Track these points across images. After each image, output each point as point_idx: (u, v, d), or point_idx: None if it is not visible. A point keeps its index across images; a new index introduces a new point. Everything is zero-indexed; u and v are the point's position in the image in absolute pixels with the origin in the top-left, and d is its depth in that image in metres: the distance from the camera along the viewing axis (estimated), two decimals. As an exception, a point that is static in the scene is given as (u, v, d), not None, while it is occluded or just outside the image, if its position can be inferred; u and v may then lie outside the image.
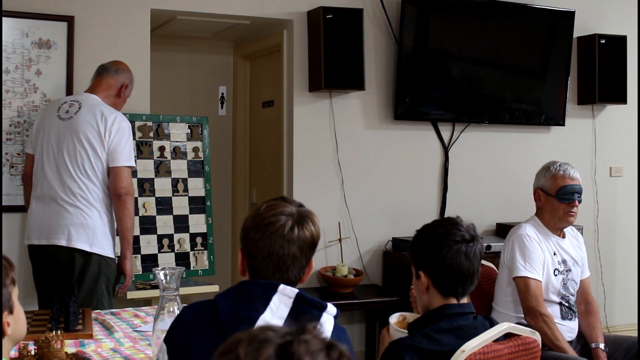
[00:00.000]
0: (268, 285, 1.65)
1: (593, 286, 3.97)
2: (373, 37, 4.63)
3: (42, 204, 3.38)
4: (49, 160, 3.39)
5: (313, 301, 1.66)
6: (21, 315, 1.65)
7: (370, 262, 4.69)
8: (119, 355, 2.31)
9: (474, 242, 2.11)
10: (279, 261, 1.67)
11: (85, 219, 3.31)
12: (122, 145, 3.33)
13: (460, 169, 4.91)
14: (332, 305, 1.68)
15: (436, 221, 2.21)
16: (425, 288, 2.12)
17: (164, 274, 2.19)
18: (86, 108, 3.37)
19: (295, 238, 1.67)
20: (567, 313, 3.24)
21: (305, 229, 1.69)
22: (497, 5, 4.88)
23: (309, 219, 1.71)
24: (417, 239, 2.19)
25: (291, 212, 1.70)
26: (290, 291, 1.64)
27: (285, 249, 1.67)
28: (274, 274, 1.68)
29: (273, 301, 1.62)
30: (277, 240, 1.67)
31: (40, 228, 3.36)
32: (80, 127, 3.32)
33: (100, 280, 3.33)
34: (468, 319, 2.11)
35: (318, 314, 1.64)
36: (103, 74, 3.53)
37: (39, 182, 3.41)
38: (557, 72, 5.09)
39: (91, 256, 3.31)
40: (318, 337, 0.92)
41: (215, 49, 5.46)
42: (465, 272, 2.09)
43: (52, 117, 3.42)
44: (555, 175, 3.23)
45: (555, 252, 3.24)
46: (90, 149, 3.30)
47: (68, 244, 3.28)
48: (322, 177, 4.56)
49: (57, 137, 3.37)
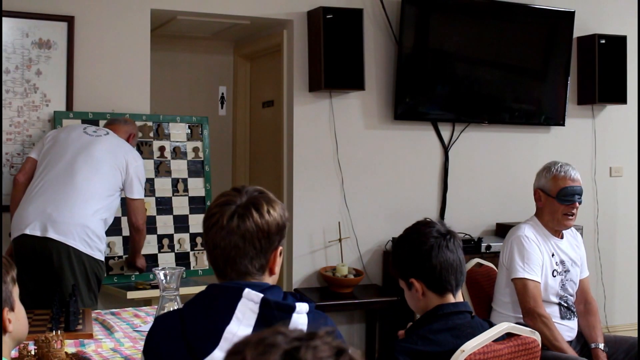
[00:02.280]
0: (233, 290, 1.59)
1: (593, 286, 3.97)
2: (373, 37, 4.63)
3: (43, 197, 3.36)
4: (62, 161, 3.42)
5: (279, 304, 1.59)
6: (22, 314, 1.65)
7: (370, 262, 4.69)
8: (119, 355, 2.31)
9: (450, 234, 2.13)
10: (223, 253, 1.63)
11: (85, 220, 3.31)
12: (140, 180, 3.58)
13: (460, 169, 4.91)
14: (302, 304, 1.61)
15: (407, 228, 2.21)
16: (421, 294, 2.12)
17: (164, 274, 2.19)
18: (113, 136, 3.64)
19: (234, 228, 1.61)
20: (565, 313, 3.24)
21: (247, 219, 1.61)
22: (497, 5, 4.88)
23: (256, 208, 1.63)
24: (397, 250, 2.20)
25: (239, 202, 1.63)
26: (255, 296, 1.57)
27: (226, 240, 1.62)
28: (225, 267, 1.64)
29: (238, 309, 1.57)
30: (217, 232, 1.62)
31: (37, 220, 3.30)
32: (109, 146, 3.53)
33: (92, 280, 3.35)
34: (464, 317, 2.10)
35: (287, 316, 1.58)
36: (114, 123, 3.79)
37: (40, 181, 3.41)
38: (557, 72, 5.09)
39: (86, 257, 3.32)
40: (329, 343, 0.91)
41: (215, 49, 5.46)
42: (454, 264, 2.10)
43: (78, 134, 3.57)
44: (556, 176, 3.22)
45: (554, 253, 3.24)
46: (111, 166, 3.48)
47: (65, 241, 3.27)
48: (322, 177, 4.56)
49: (81, 144, 3.49)
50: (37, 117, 3.93)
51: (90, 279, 3.34)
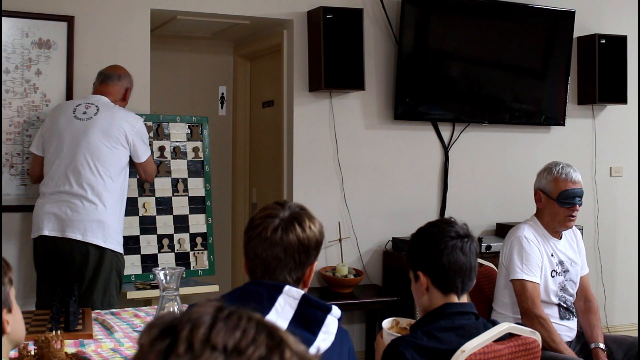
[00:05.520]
0: (273, 286, 1.66)
1: (593, 286, 3.96)
2: (373, 37, 4.63)
3: (56, 197, 3.41)
4: (64, 157, 3.46)
5: (318, 303, 1.67)
6: (19, 316, 1.64)
7: (370, 262, 4.69)
8: (119, 355, 2.31)
9: (469, 238, 2.14)
10: (263, 263, 1.70)
11: (100, 215, 3.38)
12: (143, 141, 3.58)
13: (460, 169, 4.91)
14: (337, 308, 1.69)
15: (430, 222, 2.24)
16: (425, 288, 2.13)
17: (164, 274, 2.19)
18: (105, 110, 3.54)
19: (278, 240, 1.69)
20: (565, 314, 3.23)
21: (290, 232, 1.70)
22: (497, 5, 4.88)
23: (299, 223, 1.72)
24: (413, 241, 2.22)
25: (282, 216, 1.71)
26: (296, 292, 1.65)
27: (268, 252, 1.69)
28: (263, 275, 1.71)
29: (278, 302, 1.63)
30: (260, 243, 1.70)
31: (55, 220, 3.40)
32: (102, 126, 3.46)
33: (113, 275, 3.43)
34: (470, 318, 2.11)
35: (323, 316, 1.65)
36: (107, 81, 3.67)
37: (52, 178, 3.46)
38: (557, 72, 5.09)
39: (105, 251, 3.39)
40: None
41: (215, 49, 5.46)
42: (463, 267, 2.10)
43: (68, 119, 3.52)
44: (557, 178, 3.20)
45: (553, 253, 3.24)
46: (112, 147, 3.46)
47: (83, 239, 3.35)
48: (322, 177, 4.56)
49: (76, 135, 3.46)
50: (37, 117, 3.93)
51: (111, 274, 3.40)
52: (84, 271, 3.36)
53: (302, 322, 1.62)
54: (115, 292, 3.47)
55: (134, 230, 3.95)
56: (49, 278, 3.45)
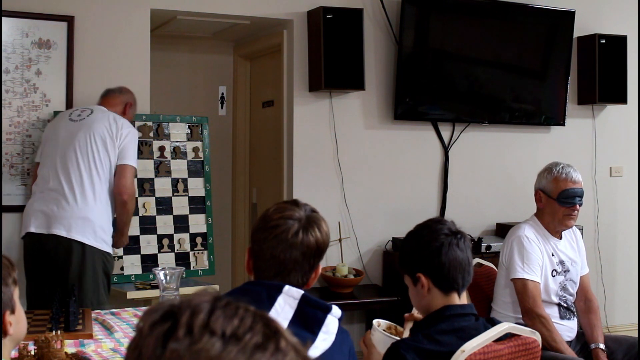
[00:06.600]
0: (273, 286, 1.65)
1: (593, 286, 3.96)
2: (373, 37, 4.63)
3: (45, 195, 3.41)
4: (56, 156, 3.46)
5: (318, 303, 1.66)
6: (22, 315, 1.65)
7: (370, 262, 4.69)
8: (119, 355, 2.31)
9: (460, 234, 2.14)
10: (280, 265, 1.68)
11: (87, 212, 3.36)
12: (132, 147, 3.50)
13: (460, 169, 4.91)
14: (337, 308, 1.68)
15: (418, 225, 2.21)
16: (426, 290, 2.12)
17: (164, 274, 2.20)
18: (98, 112, 3.55)
19: (299, 243, 1.67)
20: (565, 313, 3.24)
21: (310, 235, 1.68)
22: (497, 5, 4.88)
23: (316, 225, 1.71)
24: (407, 245, 2.20)
25: (299, 216, 1.70)
26: (296, 292, 1.64)
27: (287, 254, 1.67)
28: (275, 276, 1.69)
29: (278, 302, 1.62)
30: (280, 243, 1.67)
31: (41, 218, 3.39)
32: (94, 125, 3.47)
33: (100, 275, 3.39)
34: (469, 320, 2.10)
35: (323, 316, 1.64)
36: (109, 94, 3.73)
37: (43, 177, 3.47)
38: (557, 72, 5.09)
39: (90, 249, 3.35)
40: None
41: (215, 49, 5.46)
42: (462, 263, 2.10)
43: (64, 122, 3.55)
44: (557, 178, 3.21)
45: (554, 253, 3.24)
46: (101, 146, 3.43)
47: (68, 235, 3.32)
48: (322, 177, 4.56)
49: (69, 134, 3.47)
50: (37, 117, 3.93)
51: (98, 273, 3.37)
52: (67, 268, 3.31)
53: (302, 322, 1.61)
54: (104, 291, 3.41)
55: (134, 230, 3.95)
56: (34, 278, 3.43)
